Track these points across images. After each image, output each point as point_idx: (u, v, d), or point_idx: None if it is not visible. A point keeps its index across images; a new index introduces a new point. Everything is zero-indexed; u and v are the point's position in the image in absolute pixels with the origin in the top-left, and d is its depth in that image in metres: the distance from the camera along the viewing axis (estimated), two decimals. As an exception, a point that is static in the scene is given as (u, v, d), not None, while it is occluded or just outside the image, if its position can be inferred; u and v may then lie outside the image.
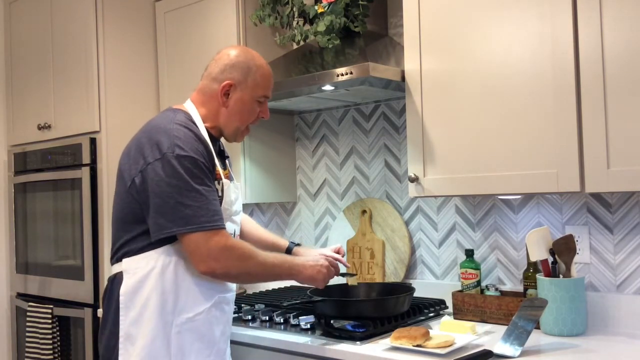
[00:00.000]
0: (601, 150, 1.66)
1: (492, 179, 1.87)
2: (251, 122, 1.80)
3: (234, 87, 1.74)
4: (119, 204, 1.67)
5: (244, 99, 1.75)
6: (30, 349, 2.93)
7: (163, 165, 1.56)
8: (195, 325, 1.64)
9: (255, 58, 1.78)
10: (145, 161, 1.58)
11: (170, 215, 1.54)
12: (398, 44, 2.41)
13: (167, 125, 1.62)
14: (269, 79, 1.80)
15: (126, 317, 1.61)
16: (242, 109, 1.76)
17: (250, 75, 1.75)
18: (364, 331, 1.88)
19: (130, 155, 1.64)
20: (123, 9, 2.88)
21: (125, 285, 1.61)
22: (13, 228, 3.26)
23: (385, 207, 2.52)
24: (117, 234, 1.68)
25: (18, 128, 3.24)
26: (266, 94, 1.79)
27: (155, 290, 1.60)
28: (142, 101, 2.93)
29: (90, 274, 2.75)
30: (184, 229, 1.54)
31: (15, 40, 3.25)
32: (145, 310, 1.60)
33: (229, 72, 1.74)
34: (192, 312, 1.64)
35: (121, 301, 1.61)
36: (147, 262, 1.61)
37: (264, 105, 1.81)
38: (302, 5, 2.46)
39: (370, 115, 2.61)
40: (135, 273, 1.61)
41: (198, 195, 1.56)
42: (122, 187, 1.65)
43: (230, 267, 1.59)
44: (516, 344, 1.68)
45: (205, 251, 1.55)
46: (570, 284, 1.84)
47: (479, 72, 1.91)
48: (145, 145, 1.61)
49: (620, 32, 1.64)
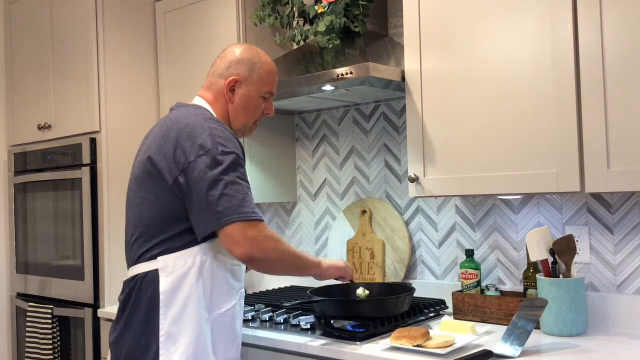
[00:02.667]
0: (601, 150, 1.66)
1: (492, 179, 1.87)
2: (257, 118, 1.82)
3: (239, 82, 1.76)
4: (155, 202, 1.62)
5: (249, 95, 1.77)
6: (30, 349, 2.93)
7: (205, 164, 1.55)
8: (224, 320, 1.66)
9: (260, 54, 1.80)
10: (187, 159, 1.57)
11: (216, 211, 1.54)
12: (398, 44, 2.41)
13: (203, 123, 1.62)
14: (273, 75, 1.82)
15: (166, 315, 1.58)
16: (248, 105, 1.77)
17: (255, 70, 1.77)
18: (364, 331, 1.88)
19: (167, 153, 1.61)
20: (123, 9, 2.88)
21: (165, 283, 1.59)
22: (13, 228, 3.26)
23: (385, 207, 2.52)
24: (151, 231, 1.63)
25: (18, 128, 3.24)
26: (271, 90, 1.81)
27: (195, 287, 1.60)
28: (142, 101, 2.93)
29: (90, 274, 2.75)
30: (229, 218, 1.53)
31: (15, 40, 3.25)
32: (185, 308, 1.59)
33: (234, 68, 1.76)
34: (224, 308, 1.66)
35: (161, 300, 1.59)
36: (186, 259, 1.60)
37: (268, 101, 1.83)
38: (302, 5, 2.46)
39: (370, 115, 2.61)
40: (174, 271, 1.59)
41: (241, 188, 1.57)
42: (161, 185, 1.61)
43: (269, 251, 1.59)
44: (516, 344, 1.68)
45: (246, 237, 1.54)
46: (570, 284, 1.84)
47: (479, 72, 1.91)
48: (183, 143, 1.59)
49: (620, 32, 1.64)
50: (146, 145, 1.70)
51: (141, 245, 1.64)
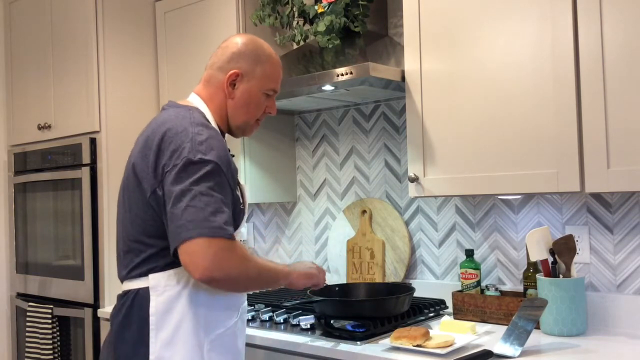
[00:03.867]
0: (601, 150, 1.66)
1: (492, 179, 1.87)
2: (258, 116, 1.68)
3: (241, 77, 1.61)
4: (137, 214, 1.51)
5: (251, 91, 1.63)
6: (30, 349, 2.93)
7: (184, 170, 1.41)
8: (225, 340, 1.55)
9: (264, 47, 1.66)
10: (165, 169, 1.44)
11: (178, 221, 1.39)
12: (398, 44, 2.41)
13: (188, 128, 1.48)
14: (278, 71, 1.68)
15: (157, 339, 1.47)
16: (249, 101, 1.63)
17: (259, 65, 1.63)
18: (364, 331, 1.88)
19: (149, 161, 1.48)
20: (123, 9, 2.88)
21: (156, 305, 1.48)
22: (13, 228, 3.26)
23: (385, 207, 2.52)
24: (137, 247, 1.52)
25: (18, 128, 3.24)
26: (275, 87, 1.67)
27: (188, 309, 1.48)
28: (142, 101, 2.93)
29: (90, 274, 2.74)
30: (189, 233, 1.37)
31: (15, 40, 3.25)
32: (178, 331, 1.48)
33: (235, 61, 1.62)
34: (223, 327, 1.54)
35: (151, 322, 1.48)
36: (179, 278, 1.48)
37: (271, 99, 1.69)
38: (302, 5, 2.46)
39: (370, 115, 2.61)
40: (165, 291, 1.48)
41: (212, 200, 1.40)
42: (140, 196, 1.49)
43: (231, 269, 1.41)
44: (516, 344, 1.68)
45: (205, 254, 1.37)
46: (570, 284, 1.84)
47: (479, 72, 1.91)
48: (164, 151, 1.46)
49: (620, 32, 1.64)
50: (135, 149, 1.58)
51: (130, 261, 1.53)
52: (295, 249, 2.85)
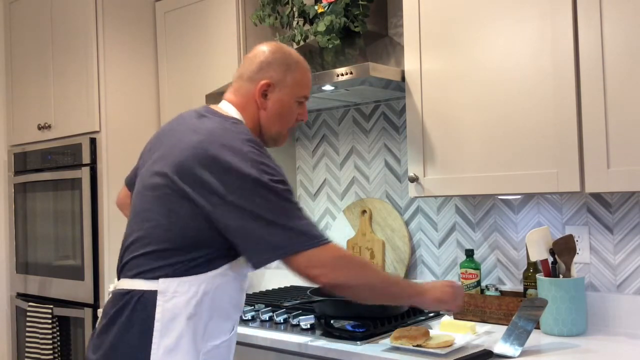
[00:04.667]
0: (601, 150, 1.66)
1: (492, 179, 1.87)
2: (291, 124, 1.65)
3: (272, 86, 1.58)
4: (176, 224, 1.46)
5: (283, 100, 1.60)
6: (30, 349, 2.93)
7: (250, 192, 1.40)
8: (219, 351, 1.53)
9: (292, 54, 1.63)
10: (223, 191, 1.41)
11: (271, 241, 1.40)
12: (398, 44, 2.41)
13: (242, 147, 1.45)
14: (308, 77, 1.65)
15: (159, 345, 1.44)
16: (282, 111, 1.60)
17: (289, 73, 1.60)
18: (364, 331, 1.88)
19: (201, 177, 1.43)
20: (123, 9, 2.88)
21: (162, 310, 1.45)
22: (13, 228, 3.26)
23: (385, 207, 2.52)
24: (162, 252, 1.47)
25: (18, 128, 3.24)
26: (306, 93, 1.64)
27: (192, 318, 1.46)
28: (142, 101, 2.93)
29: (90, 274, 2.75)
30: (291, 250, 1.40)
31: (15, 40, 3.25)
32: (181, 339, 1.45)
33: (265, 70, 1.58)
34: (219, 340, 1.52)
35: (156, 327, 1.44)
36: (189, 287, 1.45)
37: (303, 106, 1.66)
38: (302, 5, 2.46)
39: (370, 115, 2.61)
40: (174, 297, 1.45)
41: (293, 216, 1.43)
42: (187, 209, 1.45)
43: (352, 276, 1.45)
44: (516, 344, 1.68)
45: (323, 263, 1.41)
46: (570, 284, 1.84)
47: (479, 72, 1.91)
48: (220, 169, 1.42)
49: (621, 32, 1.64)
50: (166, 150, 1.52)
51: (146, 262, 1.49)
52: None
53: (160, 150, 1.55)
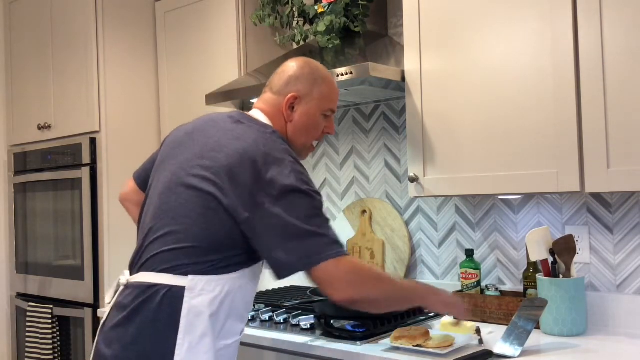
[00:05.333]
0: (601, 150, 1.66)
1: (492, 179, 1.87)
2: (317, 137, 1.68)
3: (299, 99, 1.62)
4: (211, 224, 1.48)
5: (309, 113, 1.64)
6: (30, 349, 2.93)
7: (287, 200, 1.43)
8: (229, 351, 1.55)
9: (320, 68, 1.67)
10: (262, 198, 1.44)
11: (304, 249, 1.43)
12: (398, 44, 2.41)
13: (280, 155, 1.49)
14: (335, 92, 1.69)
15: (184, 341, 1.45)
16: (308, 124, 1.64)
17: (316, 86, 1.64)
18: (364, 331, 1.88)
19: (241, 183, 1.46)
20: (123, 9, 2.88)
21: (189, 307, 1.46)
22: (13, 228, 3.26)
23: (385, 207, 2.52)
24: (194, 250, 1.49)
25: (18, 128, 3.24)
26: (332, 107, 1.68)
27: (214, 316, 1.48)
28: (142, 101, 2.93)
29: (90, 274, 2.75)
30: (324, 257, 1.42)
31: (15, 40, 3.25)
32: (204, 337, 1.47)
33: (293, 84, 1.63)
34: (232, 339, 1.54)
35: (182, 324, 1.45)
36: (215, 285, 1.48)
37: (329, 119, 1.69)
38: (302, 5, 2.46)
39: (370, 115, 2.61)
40: (201, 294, 1.47)
41: (324, 225, 1.46)
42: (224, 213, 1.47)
43: (369, 291, 1.47)
44: (516, 344, 1.68)
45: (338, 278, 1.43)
46: (570, 284, 1.84)
47: (479, 72, 1.91)
48: (263, 175, 1.46)
49: (620, 32, 1.64)
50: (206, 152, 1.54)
51: (177, 257, 1.49)
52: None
53: (195, 150, 1.56)
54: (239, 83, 2.41)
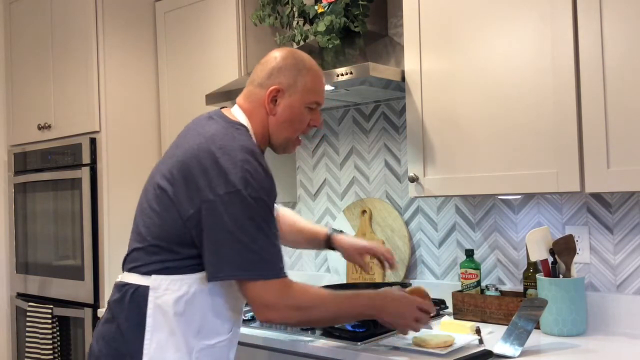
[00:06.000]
0: (601, 150, 1.66)
1: (492, 179, 1.87)
2: (302, 131, 1.62)
3: (282, 92, 1.56)
4: (164, 222, 1.49)
5: (293, 106, 1.57)
6: (30, 349, 2.93)
7: (232, 204, 1.41)
8: (214, 351, 1.54)
9: (304, 60, 1.60)
10: (209, 195, 1.43)
11: (234, 260, 1.41)
12: (398, 44, 2.41)
13: (237, 154, 1.45)
14: (320, 83, 1.62)
15: (151, 341, 1.47)
16: (292, 117, 1.58)
17: (299, 78, 1.57)
18: (364, 331, 1.88)
19: (190, 177, 1.46)
20: (123, 9, 2.88)
21: (153, 306, 1.48)
22: (13, 228, 3.26)
23: (385, 207, 2.52)
24: (152, 249, 1.51)
25: (18, 128, 3.24)
26: (318, 99, 1.61)
27: (184, 315, 1.48)
28: (142, 101, 2.93)
29: (90, 274, 2.75)
30: (249, 276, 1.42)
31: (15, 40, 3.25)
32: (172, 336, 1.48)
33: (275, 76, 1.57)
34: (214, 340, 1.53)
35: (148, 323, 1.48)
36: (180, 285, 1.48)
37: (315, 112, 1.62)
38: (302, 5, 2.46)
39: (370, 115, 2.61)
40: (165, 294, 1.48)
41: (264, 240, 1.43)
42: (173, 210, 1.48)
43: (290, 318, 1.48)
44: (516, 344, 1.68)
45: (267, 302, 1.44)
46: (570, 284, 1.84)
47: (479, 72, 1.91)
48: (210, 172, 1.44)
49: (620, 32, 1.64)
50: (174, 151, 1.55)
51: (140, 257, 1.53)
52: (295, 249, 2.85)
53: (170, 150, 1.59)
54: (239, 83, 2.41)
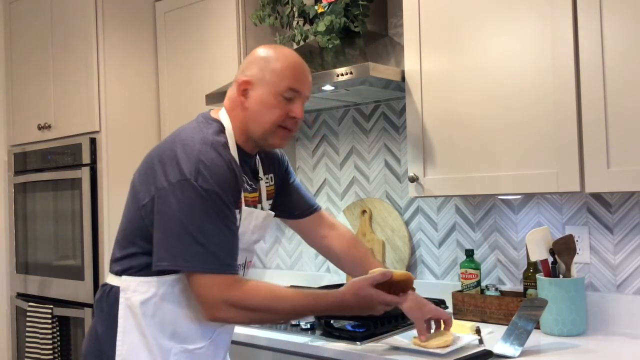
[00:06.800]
0: (601, 150, 1.66)
1: (492, 179, 1.87)
2: (280, 121, 1.51)
3: (252, 84, 1.50)
4: (127, 215, 1.52)
5: (263, 96, 1.49)
6: (30, 349, 2.93)
7: (181, 192, 1.38)
8: (194, 356, 1.52)
9: (278, 50, 1.53)
10: (162, 183, 1.41)
11: (178, 250, 1.38)
12: (398, 44, 2.41)
13: (195, 146, 1.43)
14: (293, 69, 1.51)
15: (123, 342, 1.47)
16: (263, 108, 1.50)
17: (269, 66, 1.49)
18: (364, 331, 1.88)
19: (151, 168, 1.47)
20: (123, 9, 2.88)
21: (124, 307, 1.48)
22: (13, 228, 3.26)
23: (385, 207, 2.52)
24: (120, 242, 1.53)
25: (18, 128, 3.24)
26: (292, 85, 1.50)
27: (154, 317, 1.47)
28: (142, 101, 2.93)
29: (90, 274, 2.75)
30: (191, 268, 1.39)
31: (15, 40, 3.25)
32: (144, 337, 1.46)
33: (248, 69, 1.52)
34: (192, 346, 1.51)
35: (119, 324, 1.48)
36: (148, 287, 1.47)
37: (294, 102, 1.52)
38: (302, 5, 2.46)
39: (370, 115, 2.61)
40: (133, 296, 1.47)
41: (212, 234, 1.39)
42: (134, 201, 1.49)
43: (236, 317, 1.44)
44: (516, 344, 1.68)
45: (211, 298, 1.40)
46: (570, 284, 1.84)
47: (479, 72, 1.90)
48: (167, 162, 1.43)
49: (620, 32, 1.64)
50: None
51: (114, 258, 1.55)
52: (295, 249, 2.85)
53: None
54: (239, 83, 2.41)
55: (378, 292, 1.51)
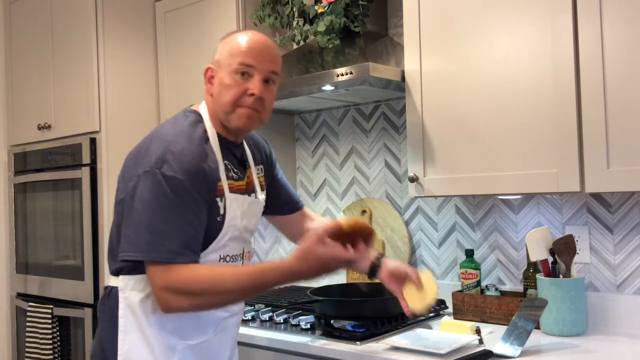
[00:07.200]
0: (601, 150, 1.66)
1: (492, 179, 1.87)
2: (237, 100, 1.48)
3: (212, 70, 1.54)
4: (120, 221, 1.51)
5: (222, 79, 1.50)
6: (30, 349, 2.93)
7: (144, 183, 1.39)
8: (199, 350, 1.53)
9: (235, 33, 1.55)
10: (133, 176, 1.43)
11: (133, 240, 1.39)
12: (398, 44, 2.41)
13: (168, 137, 1.45)
14: (246, 45, 1.49)
15: (124, 341, 1.47)
16: (222, 90, 1.50)
17: (224, 49, 1.51)
18: (364, 331, 1.88)
19: (127, 165, 1.50)
20: (123, 9, 2.88)
21: (123, 307, 1.49)
22: (13, 228, 3.26)
23: (385, 207, 2.52)
24: (113, 241, 1.55)
25: (18, 128, 3.24)
26: (244, 60, 1.48)
27: (154, 315, 1.46)
28: (142, 101, 2.93)
29: (90, 274, 2.74)
30: (141, 257, 1.39)
31: (15, 40, 3.25)
32: (145, 335, 1.47)
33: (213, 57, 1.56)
34: (195, 340, 1.51)
35: (120, 323, 1.48)
36: (144, 285, 1.46)
37: (251, 79, 1.48)
38: (302, 5, 2.46)
39: (370, 115, 2.61)
40: (131, 294, 1.48)
41: (166, 222, 1.37)
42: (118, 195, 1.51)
43: (186, 304, 1.39)
44: (516, 344, 1.68)
45: (156, 288, 1.38)
46: (570, 284, 1.84)
47: (479, 72, 1.91)
48: (140, 156, 1.45)
49: (620, 32, 1.64)
50: None
51: (111, 258, 1.56)
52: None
53: None
54: (239, 83, 2.41)
55: (325, 250, 1.34)
